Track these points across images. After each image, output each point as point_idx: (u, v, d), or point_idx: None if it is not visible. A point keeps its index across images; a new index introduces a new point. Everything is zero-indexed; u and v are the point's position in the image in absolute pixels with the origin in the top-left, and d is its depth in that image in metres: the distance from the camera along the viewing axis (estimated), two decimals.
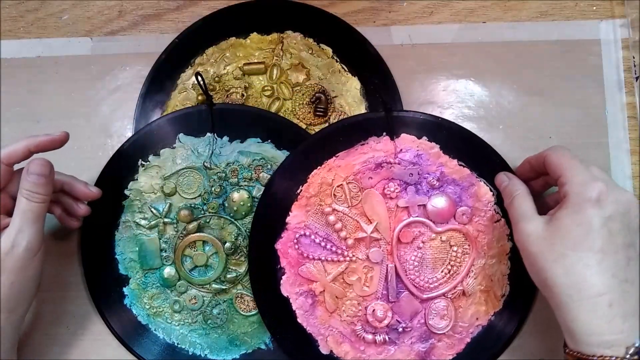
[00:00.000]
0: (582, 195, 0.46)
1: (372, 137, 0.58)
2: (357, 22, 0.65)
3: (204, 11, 0.65)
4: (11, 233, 0.49)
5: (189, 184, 0.61)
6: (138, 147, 0.61)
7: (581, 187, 0.46)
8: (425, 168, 0.58)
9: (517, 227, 0.50)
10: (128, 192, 0.61)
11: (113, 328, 0.60)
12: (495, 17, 0.66)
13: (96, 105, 0.65)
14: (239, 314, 0.61)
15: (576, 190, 0.46)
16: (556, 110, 0.64)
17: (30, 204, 0.50)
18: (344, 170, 0.58)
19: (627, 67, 0.64)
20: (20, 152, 0.51)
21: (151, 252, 0.61)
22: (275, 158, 0.61)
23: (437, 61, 0.65)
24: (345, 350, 0.58)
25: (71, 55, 0.66)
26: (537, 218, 0.49)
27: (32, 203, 0.50)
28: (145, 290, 0.61)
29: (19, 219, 0.50)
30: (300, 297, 0.58)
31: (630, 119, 0.64)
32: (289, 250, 0.58)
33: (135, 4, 0.67)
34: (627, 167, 0.63)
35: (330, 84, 0.64)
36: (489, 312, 0.58)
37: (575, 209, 0.46)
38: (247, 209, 0.61)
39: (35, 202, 0.50)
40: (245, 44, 0.65)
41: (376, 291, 0.58)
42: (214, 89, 0.64)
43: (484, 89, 0.65)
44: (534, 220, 0.48)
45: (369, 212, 0.58)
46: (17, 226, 0.49)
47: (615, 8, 0.66)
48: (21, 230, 0.49)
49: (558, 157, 0.49)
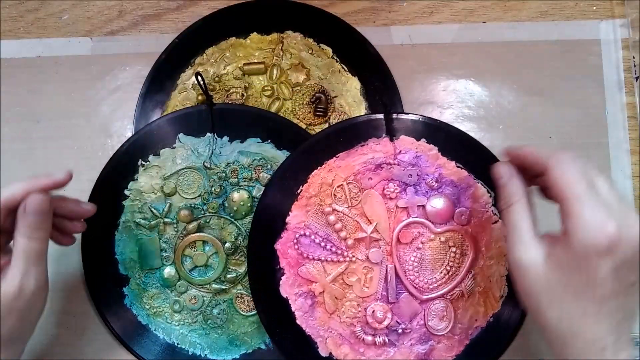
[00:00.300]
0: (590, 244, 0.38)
1: (372, 139, 0.58)
2: (357, 22, 0.65)
3: (204, 11, 0.65)
4: (16, 276, 0.47)
5: (189, 184, 0.61)
6: (138, 147, 0.61)
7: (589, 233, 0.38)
8: (424, 169, 0.58)
9: (512, 249, 0.43)
10: (128, 192, 0.61)
11: (113, 328, 0.60)
12: (495, 17, 0.66)
13: (96, 105, 0.65)
14: (239, 314, 0.61)
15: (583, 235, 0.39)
16: (556, 110, 0.64)
17: (32, 244, 0.47)
18: (344, 171, 0.58)
19: (627, 67, 0.64)
20: (19, 197, 0.47)
21: (151, 252, 0.61)
22: (275, 158, 0.61)
23: (437, 61, 0.65)
24: (345, 352, 0.58)
25: (71, 55, 0.66)
26: (536, 245, 0.42)
27: (33, 243, 0.47)
28: (145, 290, 0.61)
29: (23, 261, 0.47)
30: (300, 297, 0.58)
31: (630, 119, 0.64)
32: (289, 251, 0.58)
33: (135, 4, 0.67)
34: (627, 167, 0.63)
35: (330, 84, 0.64)
36: (487, 314, 0.58)
37: (581, 255, 0.39)
38: (247, 209, 0.61)
39: (37, 241, 0.47)
40: (245, 44, 0.65)
41: (376, 292, 0.58)
42: (214, 89, 0.64)
43: (484, 89, 0.65)
44: (532, 247, 0.42)
45: (368, 212, 0.58)
46: (21, 269, 0.47)
47: (615, 8, 0.65)
48: (27, 272, 0.47)
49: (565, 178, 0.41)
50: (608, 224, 0.38)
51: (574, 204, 0.39)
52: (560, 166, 0.41)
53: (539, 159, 0.45)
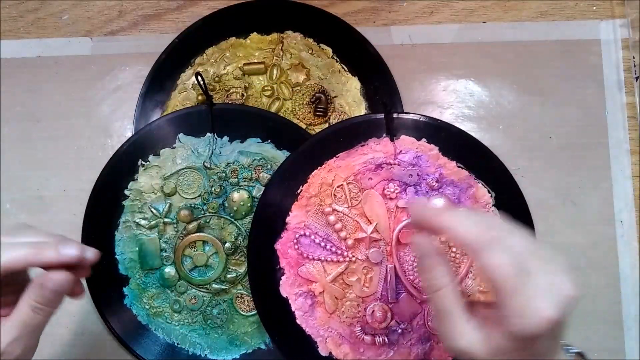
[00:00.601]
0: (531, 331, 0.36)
1: (372, 139, 0.58)
2: (357, 22, 0.65)
3: (204, 11, 0.65)
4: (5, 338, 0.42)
5: (189, 184, 0.61)
6: (138, 147, 0.61)
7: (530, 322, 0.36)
8: (425, 169, 0.58)
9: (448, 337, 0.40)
10: (128, 192, 0.61)
11: (113, 328, 0.60)
12: (495, 17, 0.66)
13: (96, 105, 0.65)
14: (239, 314, 0.61)
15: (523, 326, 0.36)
16: (556, 110, 0.64)
17: (36, 318, 0.43)
18: (344, 171, 0.58)
19: (627, 67, 0.64)
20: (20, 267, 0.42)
21: (151, 252, 0.61)
22: (275, 158, 0.61)
23: (437, 61, 0.65)
24: (345, 352, 0.58)
25: (71, 55, 0.66)
26: (472, 330, 0.39)
27: (37, 317, 0.43)
28: (145, 290, 0.61)
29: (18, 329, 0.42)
30: (300, 297, 0.58)
31: (630, 119, 0.64)
32: (289, 251, 0.58)
33: (135, 4, 0.67)
34: (627, 167, 0.63)
35: (330, 84, 0.64)
36: None
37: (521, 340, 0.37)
38: (247, 209, 0.61)
39: (42, 316, 0.43)
40: (245, 44, 0.65)
41: (376, 292, 0.58)
42: (214, 89, 0.64)
43: (484, 89, 0.65)
44: (469, 333, 0.39)
45: (368, 212, 0.58)
46: (14, 335, 0.42)
47: (615, 8, 0.65)
48: (18, 340, 0.42)
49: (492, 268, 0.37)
50: (546, 310, 0.36)
51: (508, 297, 0.37)
52: (486, 255, 0.38)
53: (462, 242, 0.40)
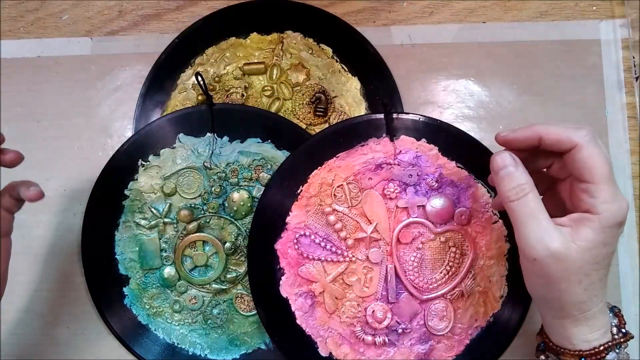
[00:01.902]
0: (617, 221, 0.43)
1: (372, 139, 0.58)
2: (357, 22, 0.65)
3: (204, 11, 0.65)
4: None
5: (189, 184, 0.61)
6: (138, 147, 0.61)
7: (617, 212, 0.43)
8: (424, 169, 0.58)
9: (536, 241, 0.43)
10: (128, 192, 0.61)
11: (113, 328, 0.60)
12: (495, 17, 0.66)
13: (96, 105, 0.65)
14: (239, 314, 0.61)
15: (612, 214, 0.43)
16: (556, 110, 0.64)
17: None
18: (344, 171, 0.58)
19: (627, 67, 0.64)
20: None
21: (151, 252, 0.61)
22: (275, 158, 0.61)
23: (437, 61, 0.65)
24: (345, 352, 0.58)
25: (71, 55, 0.66)
26: (559, 232, 0.43)
27: None
28: (145, 290, 0.61)
29: None
30: (300, 297, 0.58)
31: (630, 119, 0.64)
32: (289, 251, 0.58)
33: (135, 4, 0.67)
34: (627, 167, 0.63)
35: (330, 84, 0.64)
36: (487, 313, 0.58)
37: (606, 230, 0.43)
38: (247, 209, 0.61)
39: None
40: (245, 44, 0.65)
41: (376, 292, 0.58)
42: (214, 89, 0.64)
43: (484, 89, 0.65)
44: (557, 235, 0.43)
45: (368, 212, 0.58)
46: None
47: (615, 8, 0.65)
48: None
49: (593, 161, 0.44)
50: (624, 201, 0.44)
51: (603, 187, 0.43)
52: (590, 148, 0.44)
53: (562, 138, 0.45)
